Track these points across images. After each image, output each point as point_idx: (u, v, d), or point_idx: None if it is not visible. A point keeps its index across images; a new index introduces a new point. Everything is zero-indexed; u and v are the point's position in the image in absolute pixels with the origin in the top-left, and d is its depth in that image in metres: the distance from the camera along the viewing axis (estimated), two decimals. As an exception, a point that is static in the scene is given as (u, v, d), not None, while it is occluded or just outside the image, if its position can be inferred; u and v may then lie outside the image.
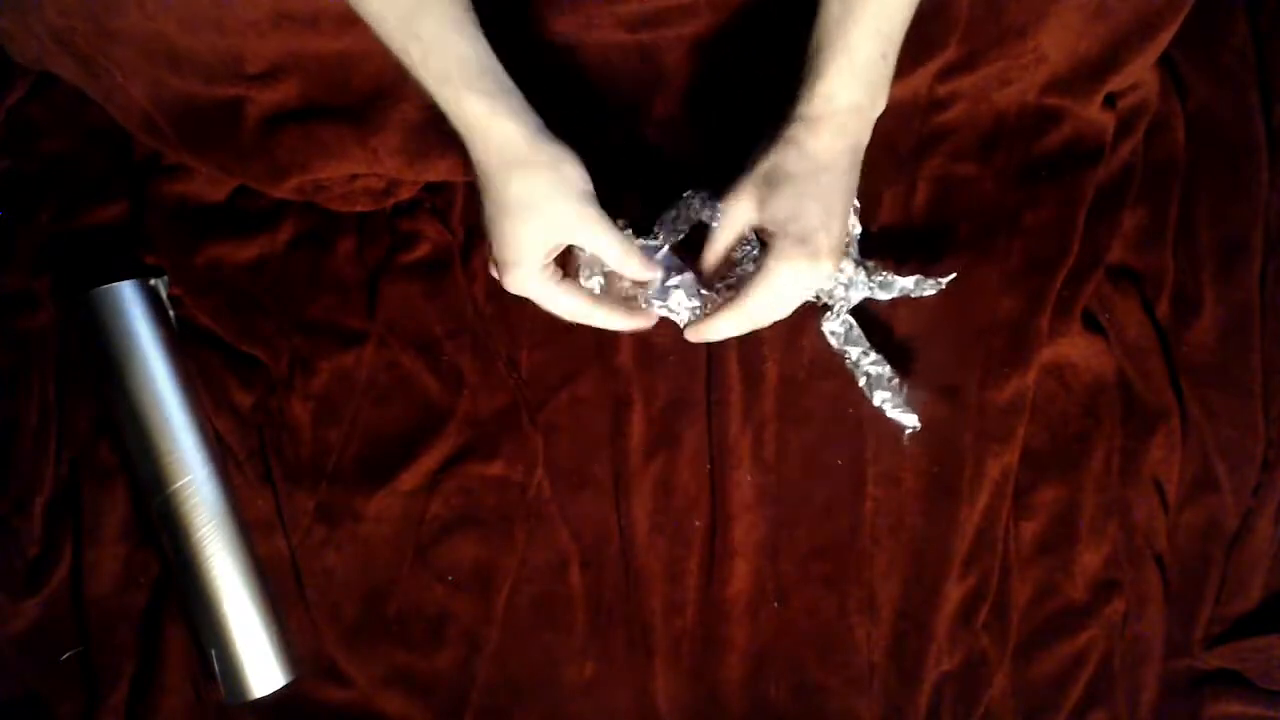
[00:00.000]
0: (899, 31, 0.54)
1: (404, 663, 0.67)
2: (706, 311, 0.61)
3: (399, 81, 0.63)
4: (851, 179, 0.57)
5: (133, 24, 0.58)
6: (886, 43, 0.54)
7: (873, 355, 0.62)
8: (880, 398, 0.62)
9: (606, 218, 0.56)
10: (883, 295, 0.62)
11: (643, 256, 0.59)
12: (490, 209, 0.55)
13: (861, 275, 0.61)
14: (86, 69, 0.61)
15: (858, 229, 0.63)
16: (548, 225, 0.55)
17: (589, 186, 0.55)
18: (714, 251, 0.61)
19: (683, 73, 0.65)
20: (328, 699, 0.67)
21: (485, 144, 0.53)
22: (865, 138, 0.56)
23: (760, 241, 0.60)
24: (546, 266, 0.57)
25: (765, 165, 0.56)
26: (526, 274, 0.56)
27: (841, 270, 0.60)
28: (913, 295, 0.62)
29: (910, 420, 0.63)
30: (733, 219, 0.58)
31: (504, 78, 0.53)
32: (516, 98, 0.53)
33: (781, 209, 0.55)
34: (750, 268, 0.61)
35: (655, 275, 0.60)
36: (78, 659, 0.65)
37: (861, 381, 0.63)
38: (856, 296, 0.62)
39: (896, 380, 0.63)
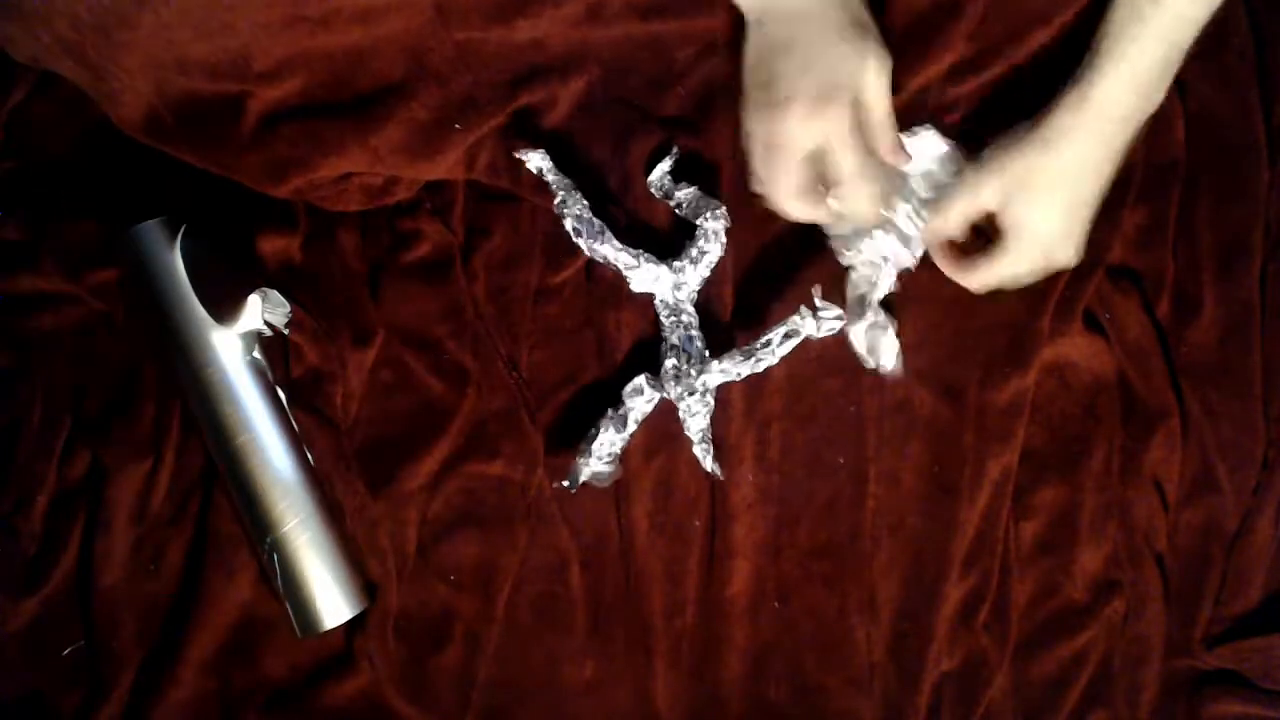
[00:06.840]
0: (1189, 40, 0.52)
1: (404, 663, 0.67)
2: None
3: (404, 79, 0.62)
4: (1104, 182, 0.56)
5: (146, 35, 0.58)
6: (1173, 50, 0.52)
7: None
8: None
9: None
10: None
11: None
12: (816, 35, 0.53)
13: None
14: (92, 73, 0.61)
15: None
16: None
17: None
18: (942, 220, 0.60)
19: (693, 71, 0.65)
20: (329, 698, 0.67)
21: None
22: (1131, 141, 0.55)
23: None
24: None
25: (1016, 164, 0.55)
26: (841, 108, 0.53)
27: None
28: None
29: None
30: (970, 201, 0.57)
31: None
32: None
33: (1023, 216, 0.55)
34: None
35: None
36: (81, 653, 0.65)
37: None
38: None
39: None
